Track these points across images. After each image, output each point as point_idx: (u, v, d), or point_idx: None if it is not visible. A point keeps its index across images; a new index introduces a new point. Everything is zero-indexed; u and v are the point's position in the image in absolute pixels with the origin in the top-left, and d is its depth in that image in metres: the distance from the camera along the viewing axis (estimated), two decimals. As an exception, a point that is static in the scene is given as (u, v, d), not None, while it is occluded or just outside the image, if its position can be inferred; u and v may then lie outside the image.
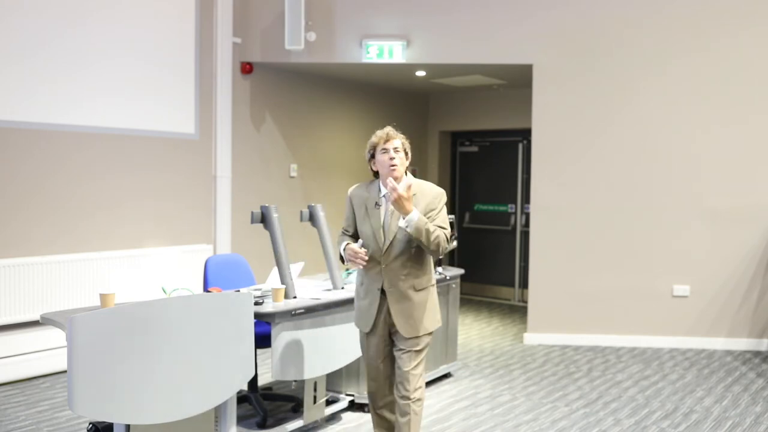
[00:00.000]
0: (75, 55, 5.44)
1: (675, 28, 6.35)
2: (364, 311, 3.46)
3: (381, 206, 3.38)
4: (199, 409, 3.24)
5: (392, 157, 3.36)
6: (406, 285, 3.34)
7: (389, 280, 3.34)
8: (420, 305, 3.37)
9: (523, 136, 8.56)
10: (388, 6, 6.60)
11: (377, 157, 3.41)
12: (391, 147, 3.38)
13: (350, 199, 3.50)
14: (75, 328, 2.82)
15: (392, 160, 3.35)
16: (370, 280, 3.40)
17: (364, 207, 3.43)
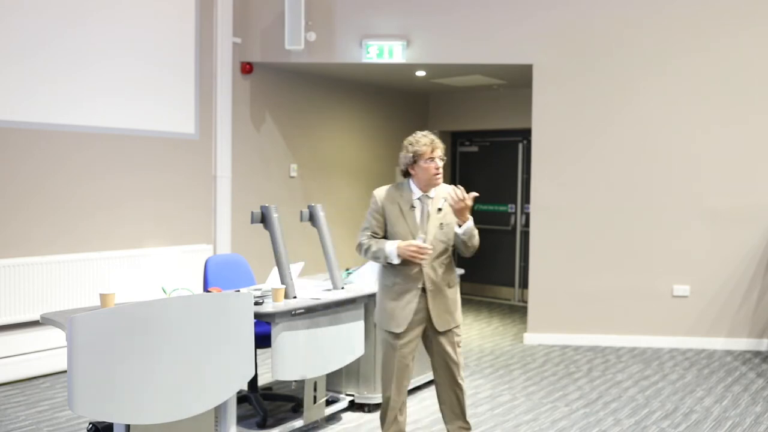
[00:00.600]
0: (75, 55, 5.45)
1: (675, 28, 6.35)
2: (398, 311, 3.50)
3: (416, 208, 3.52)
4: (199, 409, 3.24)
5: (438, 167, 3.49)
6: (444, 282, 3.54)
7: (430, 278, 3.49)
8: (453, 301, 3.60)
9: (523, 136, 8.56)
10: (388, 6, 6.60)
11: (421, 164, 3.49)
12: (438, 156, 3.49)
13: (381, 203, 3.54)
14: (75, 328, 2.82)
15: (438, 170, 3.49)
16: (407, 280, 3.49)
17: (398, 209, 3.51)
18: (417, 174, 3.51)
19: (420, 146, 3.48)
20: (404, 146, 3.53)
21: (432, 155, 3.47)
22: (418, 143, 3.49)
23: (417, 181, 3.52)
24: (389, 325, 3.53)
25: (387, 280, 3.55)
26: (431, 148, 3.48)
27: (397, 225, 3.50)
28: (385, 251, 3.46)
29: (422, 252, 3.40)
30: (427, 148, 3.48)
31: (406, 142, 3.54)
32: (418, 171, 3.50)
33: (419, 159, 3.48)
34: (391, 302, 3.52)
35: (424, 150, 3.48)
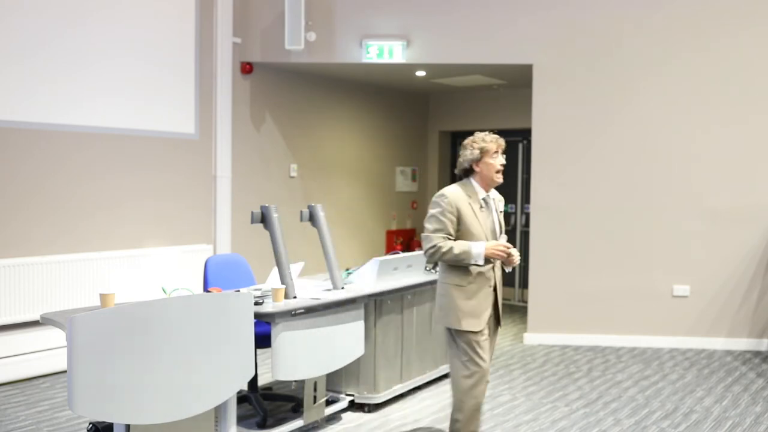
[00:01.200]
0: (75, 55, 5.45)
1: (675, 28, 6.35)
2: (474, 311, 3.49)
3: (485, 207, 3.55)
4: (199, 409, 3.24)
5: (503, 163, 3.53)
6: (501, 280, 3.63)
7: (497, 276, 3.58)
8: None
9: (523, 136, 8.56)
10: (388, 6, 6.60)
11: (486, 161, 3.51)
12: (501, 152, 3.54)
13: (454, 204, 3.47)
14: (75, 328, 2.82)
15: (502, 167, 3.53)
16: (482, 279, 3.50)
17: (470, 208, 3.50)
18: (481, 171, 3.52)
19: (487, 143, 3.51)
20: (467, 145, 3.54)
21: (498, 150, 3.52)
22: (484, 140, 3.52)
23: (480, 180, 3.54)
24: (470, 324, 3.46)
25: (460, 281, 3.48)
26: (497, 145, 3.52)
27: (473, 225, 3.48)
28: (472, 253, 3.39)
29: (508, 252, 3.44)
30: (493, 144, 3.51)
31: (469, 140, 3.55)
32: (482, 168, 3.52)
33: (485, 155, 3.50)
34: (468, 302, 3.48)
35: (490, 146, 3.50)
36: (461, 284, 3.49)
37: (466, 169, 3.57)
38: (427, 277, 5.00)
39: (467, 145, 3.55)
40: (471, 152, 3.52)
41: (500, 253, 3.43)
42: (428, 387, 5.09)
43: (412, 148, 9.19)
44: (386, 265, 4.62)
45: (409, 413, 4.56)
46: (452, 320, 3.49)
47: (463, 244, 3.41)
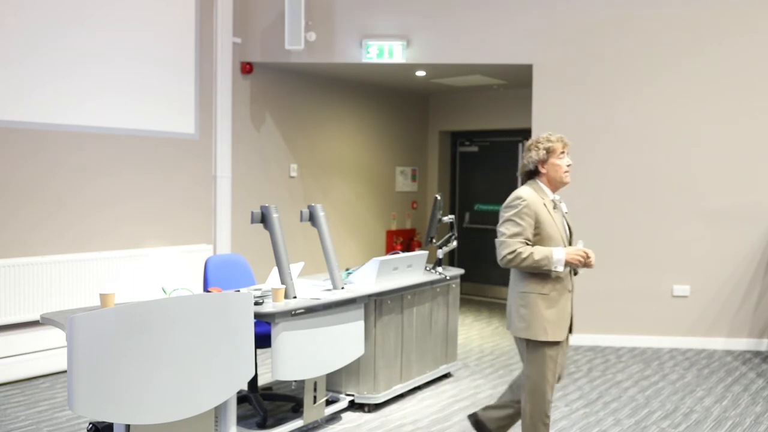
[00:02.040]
0: (75, 55, 5.45)
1: (675, 28, 6.35)
2: (558, 319, 3.34)
3: (557, 210, 3.46)
4: (199, 409, 3.24)
5: (570, 164, 3.43)
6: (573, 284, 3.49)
7: (573, 281, 3.47)
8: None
9: (523, 136, 8.56)
10: (388, 6, 6.60)
11: (553, 161, 3.40)
12: (567, 152, 3.45)
13: (532, 207, 3.32)
14: (75, 328, 2.82)
15: (569, 167, 3.43)
16: (563, 285, 3.37)
17: (546, 211, 3.38)
18: (548, 172, 3.41)
19: (553, 142, 3.40)
20: (532, 146, 3.42)
21: (564, 150, 3.41)
22: (550, 140, 3.40)
23: (547, 181, 3.44)
24: (555, 334, 3.32)
25: (544, 289, 3.32)
26: (563, 144, 3.41)
27: (551, 228, 3.34)
28: (553, 259, 3.24)
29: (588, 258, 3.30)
30: (559, 144, 3.40)
31: (533, 140, 3.44)
32: (549, 169, 3.40)
33: (551, 155, 3.39)
34: (551, 310, 3.32)
35: (556, 146, 3.39)
36: (544, 292, 3.32)
37: (531, 171, 3.44)
38: (427, 277, 5.00)
39: (532, 146, 3.42)
40: (536, 153, 3.39)
41: (580, 258, 3.27)
42: (428, 387, 5.10)
43: (412, 148, 9.19)
44: (386, 265, 4.62)
45: (409, 413, 4.56)
46: (538, 331, 3.31)
47: (544, 250, 3.26)
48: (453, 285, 5.32)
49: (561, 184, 3.45)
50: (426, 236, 5.32)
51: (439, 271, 5.17)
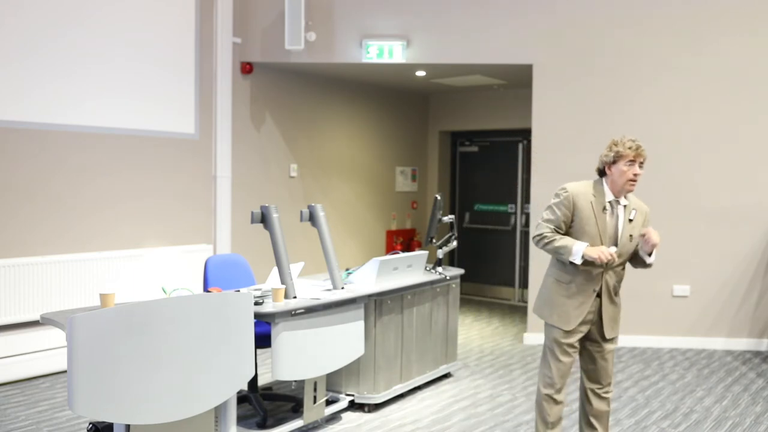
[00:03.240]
0: (75, 55, 5.45)
1: (675, 28, 6.35)
2: (570, 310, 3.46)
3: (608, 211, 3.45)
4: (199, 409, 3.24)
5: (637, 173, 3.42)
6: (615, 290, 3.54)
7: (607, 283, 3.48)
8: (619, 310, 3.60)
9: (523, 136, 8.56)
10: (388, 6, 6.60)
11: (620, 167, 3.41)
12: (638, 162, 3.42)
13: (572, 198, 3.42)
14: (75, 328, 2.83)
15: (635, 176, 3.42)
16: (585, 281, 3.44)
17: (590, 207, 3.42)
18: (613, 175, 3.43)
19: (624, 148, 3.39)
20: (609, 145, 3.45)
21: (633, 159, 3.39)
22: (623, 144, 3.40)
23: (611, 184, 3.45)
24: (559, 321, 3.48)
25: (563, 277, 3.48)
26: (635, 153, 3.39)
27: (588, 224, 3.41)
28: (572, 250, 3.36)
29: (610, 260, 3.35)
30: (630, 151, 3.39)
31: (611, 141, 3.45)
32: (614, 172, 3.42)
33: (619, 160, 3.40)
34: (564, 299, 3.47)
35: (626, 153, 3.39)
36: (561, 280, 3.49)
37: (601, 170, 3.50)
38: (427, 277, 5.00)
39: (608, 146, 3.46)
40: (606, 154, 3.44)
41: (601, 255, 3.30)
42: (428, 387, 5.10)
43: (412, 148, 9.19)
44: (386, 265, 4.62)
45: (409, 413, 4.56)
46: (545, 312, 3.55)
47: (566, 240, 3.39)
48: (453, 285, 5.32)
49: (623, 191, 3.47)
50: (426, 236, 5.32)
51: (439, 271, 5.17)
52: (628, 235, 3.48)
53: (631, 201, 3.54)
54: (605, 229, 3.43)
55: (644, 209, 3.60)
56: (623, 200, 3.50)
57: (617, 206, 3.48)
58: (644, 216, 3.57)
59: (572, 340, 3.49)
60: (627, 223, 3.48)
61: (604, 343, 3.55)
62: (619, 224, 3.47)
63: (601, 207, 3.44)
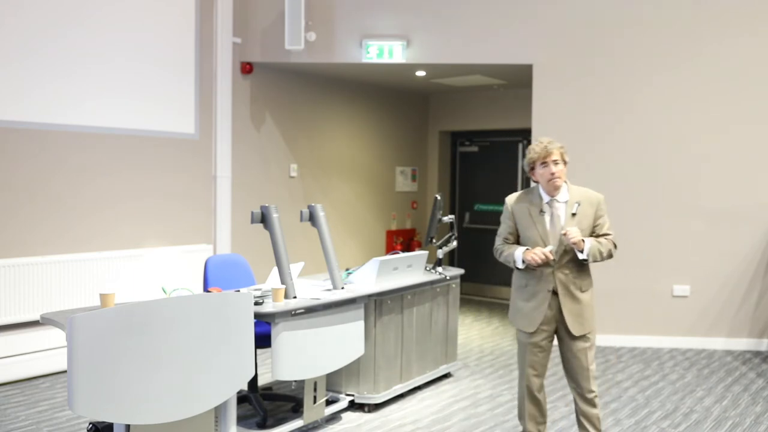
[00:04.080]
0: (75, 55, 5.45)
1: (675, 28, 6.35)
2: (529, 312, 3.60)
3: (545, 213, 3.56)
4: (199, 409, 3.24)
5: (552, 172, 3.50)
6: (575, 286, 3.56)
7: (561, 281, 3.53)
8: (587, 305, 3.60)
9: (523, 136, 8.56)
10: (388, 6, 6.60)
11: (537, 170, 3.56)
12: (551, 161, 3.50)
13: (511, 211, 3.66)
14: (75, 328, 2.83)
15: (553, 174, 3.50)
16: (538, 282, 3.56)
17: (528, 214, 3.59)
18: (539, 179, 3.58)
19: (532, 153, 3.55)
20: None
21: (545, 160, 3.51)
22: (532, 150, 3.55)
23: (542, 186, 3.59)
24: (522, 324, 3.64)
25: (520, 282, 3.65)
26: (544, 154, 3.50)
27: (529, 230, 3.58)
28: (514, 256, 3.57)
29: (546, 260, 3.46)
30: (537, 154, 3.53)
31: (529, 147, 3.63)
32: (537, 176, 3.57)
33: (535, 165, 3.55)
34: (523, 302, 3.63)
35: (535, 156, 3.53)
36: (520, 285, 3.65)
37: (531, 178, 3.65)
38: (427, 277, 5.00)
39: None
40: (525, 164, 3.62)
41: (534, 257, 3.46)
42: (428, 387, 5.10)
43: (412, 148, 9.19)
44: (386, 265, 4.62)
45: (409, 413, 4.56)
46: (512, 317, 3.74)
47: (511, 248, 3.62)
48: (453, 285, 5.32)
49: (553, 189, 3.55)
50: (426, 236, 5.32)
51: (439, 271, 5.17)
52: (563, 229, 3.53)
53: (573, 195, 3.58)
54: (545, 230, 3.54)
55: (594, 199, 3.61)
56: (562, 197, 3.57)
57: (556, 205, 3.56)
58: (595, 205, 3.59)
59: (537, 339, 3.61)
60: (570, 219, 3.53)
61: (572, 341, 3.60)
62: (560, 222, 3.54)
63: (538, 210, 3.57)
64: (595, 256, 3.50)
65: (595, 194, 3.62)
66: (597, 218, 3.58)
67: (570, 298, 3.55)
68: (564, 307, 3.55)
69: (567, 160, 3.56)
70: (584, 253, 3.47)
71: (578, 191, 3.60)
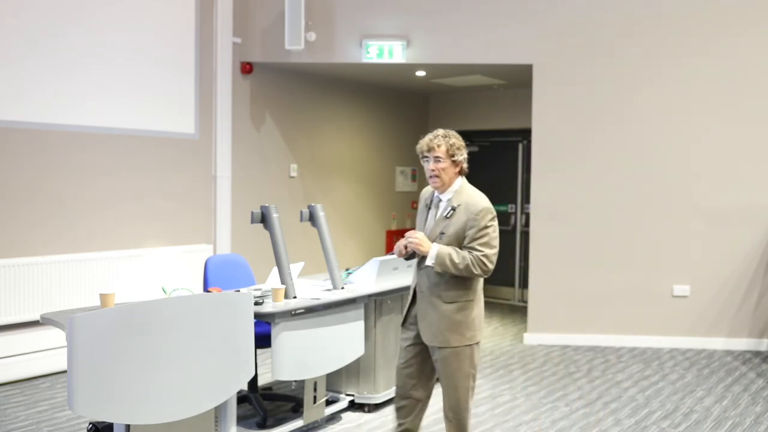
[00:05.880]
0: (75, 55, 5.44)
1: (675, 28, 6.35)
2: (407, 305, 3.45)
3: (431, 209, 3.37)
4: (199, 409, 3.24)
5: (432, 169, 3.28)
6: (433, 293, 3.26)
7: (421, 283, 3.33)
8: (444, 317, 3.23)
9: (523, 136, 8.56)
10: (388, 6, 6.59)
11: (423, 164, 3.35)
12: (432, 156, 3.28)
13: (420, 201, 3.51)
14: (75, 328, 2.82)
15: (432, 171, 3.28)
16: (413, 279, 3.42)
17: (423, 207, 3.46)
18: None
19: (419, 144, 3.33)
20: None
21: (426, 155, 3.29)
22: (418, 143, 3.33)
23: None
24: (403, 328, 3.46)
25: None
26: (426, 148, 3.28)
27: (417, 225, 3.45)
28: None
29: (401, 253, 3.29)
30: (420, 147, 3.32)
31: None
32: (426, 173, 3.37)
33: (422, 159, 3.36)
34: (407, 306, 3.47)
35: (418, 149, 3.35)
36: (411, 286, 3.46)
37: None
38: (427, 277, 4.99)
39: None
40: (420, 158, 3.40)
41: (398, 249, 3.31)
42: (428, 387, 5.09)
43: (412, 148, 9.07)
44: (386, 265, 4.62)
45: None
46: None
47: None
48: (453, 285, 5.31)
49: (434, 186, 3.35)
50: (426, 236, 5.31)
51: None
52: (438, 232, 3.26)
53: (456, 198, 3.29)
54: (422, 227, 3.38)
55: (474, 208, 3.25)
56: (445, 196, 3.31)
57: (440, 203, 3.34)
58: (471, 215, 3.24)
59: (404, 335, 3.40)
60: (441, 219, 3.28)
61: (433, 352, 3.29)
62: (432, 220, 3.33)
63: (425, 205, 3.42)
64: (444, 266, 3.15)
65: (479, 204, 3.27)
66: (468, 228, 3.22)
67: (425, 303, 3.27)
68: (419, 311, 3.31)
69: (459, 159, 3.27)
70: (428, 259, 3.17)
71: (466, 196, 3.28)
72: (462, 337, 3.24)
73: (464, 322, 3.25)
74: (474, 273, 3.20)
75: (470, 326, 3.27)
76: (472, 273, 3.20)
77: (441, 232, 3.26)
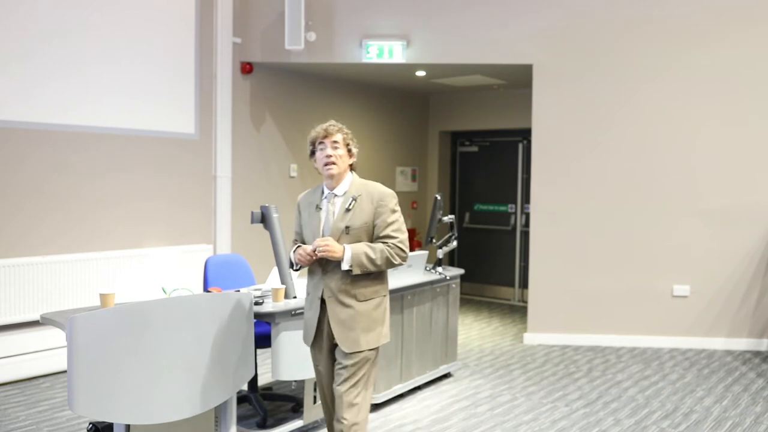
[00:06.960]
0: (75, 55, 5.45)
1: (675, 28, 6.35)
2: (308, 324, 3.16)
3: (321, 209, 3.13)
4: (199, 409, 3.24)
5: (328, 155, 3.14)
6: (348, 294, 3.04)
7: (329, 288, 3.05)
8: (363, 317, 3.04)
9: (523, 136, 8.56)
10: (388, 6, 6.60)
11: (317, 155, 3.21)
12: (329, 142, 3.16)
13: (299, 208, 3.25)
14: (75, 328, 2.83)
15: (329, 158, 3.13)
16: (313, 289, 3.13)
17: (308, 211, 3.19)
18: (318, 168, 3.20)
19: (313, 133, 3.18)
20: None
21: (323, 140, 3.15)
22: (314, 130, 3.17)
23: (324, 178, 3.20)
24: (304, 338, 3.21)
25: (307, 288, 3.21)
26: (323, 134, 3.16)
27: (306, 228, 3.16)
28: (291, 259, 3.18)
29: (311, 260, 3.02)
30: (316, 133, 3.18)
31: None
32: (317, 163, 3.19)
33: (316, 148, 3.20)
34: (306, 312, 3.19)
35: (314, 136, 3.19)
36: (307, 292, 3.21)
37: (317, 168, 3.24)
38: (427, 277, 5.00)
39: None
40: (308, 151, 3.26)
41: (299, 258, 3.04)
42: (428, 387, 5.10)
43: (412, 148, 9.19)
44: (386, 265, 4.61)
45: (409, 413, 4.56)
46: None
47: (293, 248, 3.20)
48: (453, 285, 5.32)
49: (329, 178, 3.15)
50: (426, 236, 5.32)
51: (439, 271, 5.17)
52: (344, 227, 3.04)
53: (353, 188, 3.13)
54: (318, 228, 3.09)
55: (377, 195, 3.08)
56: (340, 190, 3.15)
57: (334, 200, 3.13)
58: (375, 202, 3.07)
59: (318, 355, 3.15)
60: (343, 214, 3.07)
61: (344, 358, 3.04)
62: (329, 218, 3.10)
63: (315, 207, 3.15)
64: (363, 266, 2.96)
65: (380, 190, 3.11)
66: (376, 217, 3.04)
67: (337, 307, 3.03)
68: (331, 318, 3.03)
69: (353, 151, 3.19)
70: (344, 264, 2.97)
71: (362, 185, 3.13)
72: (379, 336, 3.09)
73: (380, 319, 3.10)
74: (394, 264, 3.03)
75: (384, 322, 3.13)
76: (391, 264, 3.03)
77: (346, 227, 3.04)
